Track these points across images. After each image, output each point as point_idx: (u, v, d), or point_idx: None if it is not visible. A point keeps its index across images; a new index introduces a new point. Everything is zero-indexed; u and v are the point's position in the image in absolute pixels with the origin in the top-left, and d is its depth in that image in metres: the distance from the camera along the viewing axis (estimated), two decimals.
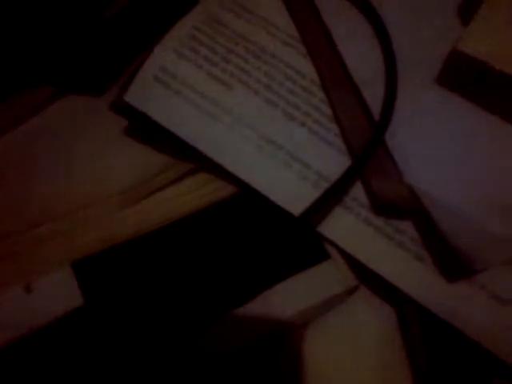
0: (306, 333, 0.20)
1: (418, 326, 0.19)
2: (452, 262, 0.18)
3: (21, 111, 0.23)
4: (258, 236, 0.20)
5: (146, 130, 0.21)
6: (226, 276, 0.19)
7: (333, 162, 0.20)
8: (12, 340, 0.18)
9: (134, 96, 0.20)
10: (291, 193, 0.20)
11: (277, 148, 0.20)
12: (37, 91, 0.23)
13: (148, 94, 0.20)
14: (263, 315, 0.19)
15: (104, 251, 0.20)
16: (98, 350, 0.18)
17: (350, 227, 0.19)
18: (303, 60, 0.21)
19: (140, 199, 0.21)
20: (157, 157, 0.22)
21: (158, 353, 0.18)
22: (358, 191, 0.19)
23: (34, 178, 0.22)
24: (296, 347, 0.20)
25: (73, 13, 0.22)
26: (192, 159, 0.21)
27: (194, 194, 0.21)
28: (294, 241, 0.20)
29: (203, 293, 0.19)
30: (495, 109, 0.20)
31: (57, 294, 0.19)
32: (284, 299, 0.19)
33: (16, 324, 0.18)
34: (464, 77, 0.20)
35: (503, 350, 0.18)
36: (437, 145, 0.19)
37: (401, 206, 0.19)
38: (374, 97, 0.20)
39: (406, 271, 0.19)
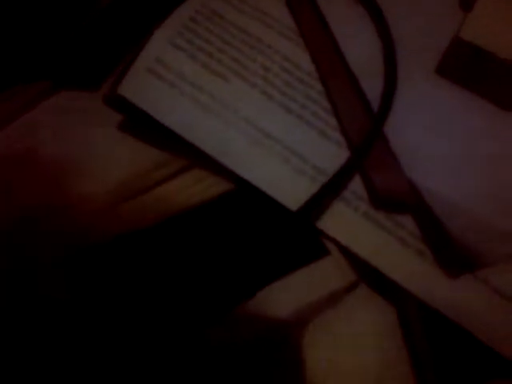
0: (305, 331, 0.20)
1: (419, 323, 0.19)
2: (453, 257, 0.18)
3: (13, 107, 0.22)
4: (255, 232, 0.20)
5: (140, 125, 0.21)
6: (222, 274, 0.19)
7: (331, 155, 0.19)
8: None
9: (128, 89, 0.20)
10: (289, 188, 0.19)
11: (274, 142, 0.20)
12: (30, 86, 0.22)
13: (142, 87, 0.20)
14: (262, 313, 0.19)
15: (102, 246, 0.19)
16: (99, 345, 0.18)
17: (348, 222, 0.19)
18: (300, 52, 0.21)
19: (135, 195, 0.21)
20: (151, 153, 0.21)
21: (155, 351, 0.18)
22: (356, 185, 0.19)
23: (27, 173, 0.21)
24: (295, 345, 0.19)
25: (66, 6, 0.22)
26: (187, 155, 0.21)
27: (189, 189, 0.21)
28: (292, 237, 0.20)
29: (200, 292, 0.19)
30: (497, 99, 0.19)
31: None
32: (283, 297, 0.19)
33: None
34: (466, 66, 0.20)
35: (506, 347, 0.17)
36: (438, 137, 0.19)
37: (400, 199, 0.19)
38: (372, 89, 0.20)
39: (406, 266, 0.18)
